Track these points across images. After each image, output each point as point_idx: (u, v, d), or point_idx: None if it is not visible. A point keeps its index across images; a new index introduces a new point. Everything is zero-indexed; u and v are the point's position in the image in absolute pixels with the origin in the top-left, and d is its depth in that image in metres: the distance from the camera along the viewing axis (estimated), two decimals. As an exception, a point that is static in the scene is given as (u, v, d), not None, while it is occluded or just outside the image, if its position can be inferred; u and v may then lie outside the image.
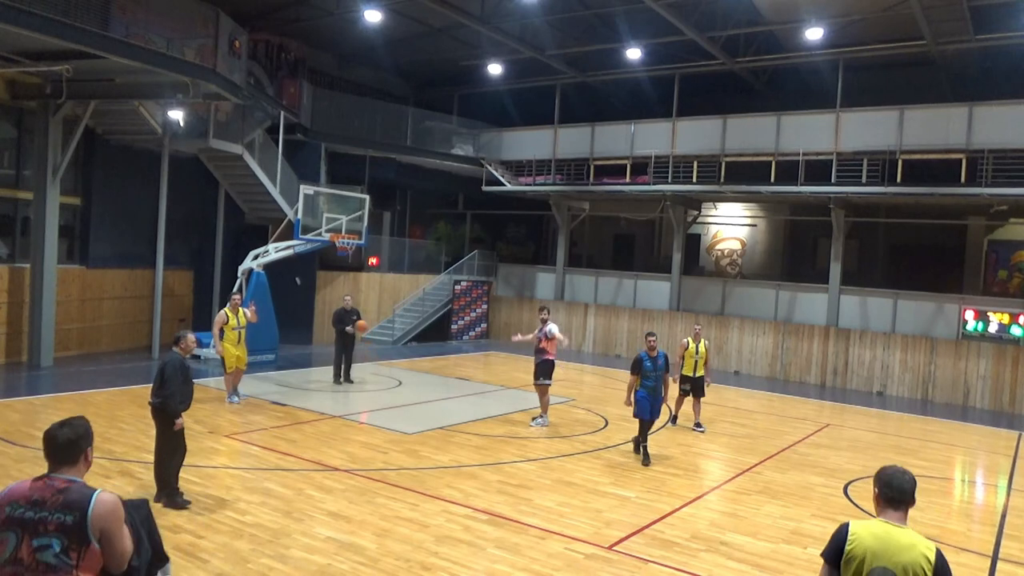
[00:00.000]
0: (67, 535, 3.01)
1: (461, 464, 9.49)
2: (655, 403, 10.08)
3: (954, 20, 16.24)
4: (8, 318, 15.16)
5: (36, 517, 3.02)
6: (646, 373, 10.01)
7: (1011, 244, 20.22)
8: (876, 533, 3.31)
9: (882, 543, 3.27)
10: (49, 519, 3.01)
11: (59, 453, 3.18)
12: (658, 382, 10.07)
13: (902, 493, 3.39)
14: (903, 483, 3.40)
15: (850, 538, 3.33)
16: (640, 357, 10.13)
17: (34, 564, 2.99)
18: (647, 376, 10.02)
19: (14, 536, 3.02)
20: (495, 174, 23.97)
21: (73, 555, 3.02)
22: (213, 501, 7.51)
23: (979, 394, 17.27)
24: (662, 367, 10.15)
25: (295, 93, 20.44)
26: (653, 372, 10.01)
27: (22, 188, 15.72)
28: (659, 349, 10.29)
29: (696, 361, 12.39)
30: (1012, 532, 8.30)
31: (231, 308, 12.37)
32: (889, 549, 3.25)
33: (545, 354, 11.82)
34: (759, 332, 20.22)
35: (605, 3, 18.45)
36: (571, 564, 6.50)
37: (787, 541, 7.44)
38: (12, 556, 3.01)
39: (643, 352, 10.18)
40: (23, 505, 3.05)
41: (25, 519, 3.01)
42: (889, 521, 3.36)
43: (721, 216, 25.31)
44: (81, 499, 3.07)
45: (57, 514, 3.02)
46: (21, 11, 10.81)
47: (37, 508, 3.03)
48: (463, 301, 24.13)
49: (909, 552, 3.24)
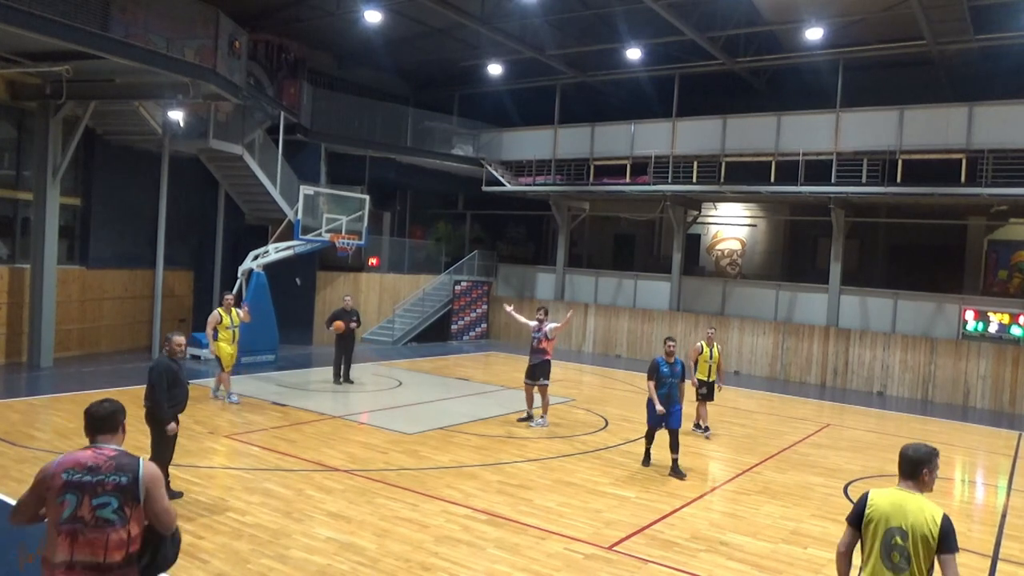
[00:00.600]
0: (123, 494, 3.47)
1: (461, 464, 9.49)
2: (669, 411, 9.65)
3: (954, 20, 16.24)
4: (8, 318, 15.16)
5: (94, 480, 3.46)
6: (662, 379, 9.67)
7: (1011, 244, 20.22)
8: (891, 500, 3.90)
9: (896, 507, 3.86)
10: (107, 481, 3.47)
11: (101, 424, 3.65)
12: (672, 389, 9.68)
13: (909, 464, 3.97)
14: (907, 455, 3.99)
15: (869, 504, 3.96)
16: (657, 362, 9.77)
17: (94, 520, 3.42)
18: (662, 382, 9.67)
19: (74, 498, 3.43)
20: (495, 174, 23.97)
21: (127, 511, 3.48)
22: (213, 501, 7.52)
23: (979, 394, 17.26)
24: (679, 374, 9.78)
25: (295, 93, 20.43)
26: (669, 378, 9.66)
27: (22, 188, 15.72)
28: (677, 355, 9.87)
29: (710, 366, 12.24)
30: (1012, 532, 8.30)
31: (224, 308, 12.41)
32: (901, 513, 3.84)
33: (544, 354, 11.90)
34: (759, 332, 20.22)
35: (605, 3, 18.44)
36: (571, 564, 6.50)
37: (787, 541, 7.44)
38: (72, 514, 3.42)
39: (660, 357, 9.83)
40: (80, 471, 3.47)
41: (84, 483, 3.45)
42: (903, 489, 3.95)
43: (721, 216, 25.31)
44: (131, 463, 3.55)
45: (113, 476, 3.48)
46: (21, 12, 10.81)
47: (94, 473, 3.47)
48: (463, 301, 24.13)
49: (917, 515, 3.80)
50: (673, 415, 9.61)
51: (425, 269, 24.37)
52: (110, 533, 3.43)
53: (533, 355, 12.00)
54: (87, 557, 3.40)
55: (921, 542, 3.76)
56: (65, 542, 3.40)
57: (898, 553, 3.81)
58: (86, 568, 3.40)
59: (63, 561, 3.40)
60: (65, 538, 3.41)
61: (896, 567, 3.80)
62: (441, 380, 16.20)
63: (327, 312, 16.96)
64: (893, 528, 3.83)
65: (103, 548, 3.41)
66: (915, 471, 3.95)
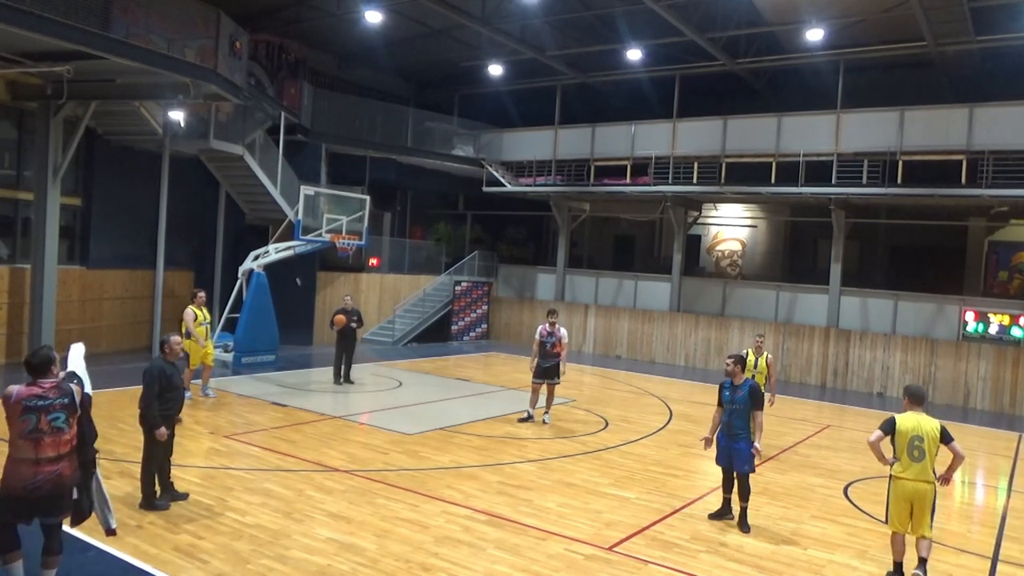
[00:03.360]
0: (66, 409, 5.16)
1: (461, 465, 9.49)
2: (732, 448, 7.82)
3: (955, 21, 16.24)
4: (8, 319, 15.16)
5: (45, 404, 5.08)
6: (722, 404, 8.00)
7: (1012, 245, 20.21)
8: (911, 420, 6.62)
9: (915, 423, 6.59)
10: (55, 402, 5.12)
11: (40, 368, 5.22)
12: (734, 418, 7.82)
13: (920, 394, 6.78)
14: (917, 392, 6.80)
15: (897, 425, 6.62)
16: (721, 384, 8.13)
17: (50, 429, 5.08)
18: (723, 410, 7.99)
19: (34, 417, 5.04)
20: (495, 175, 23.98)
21: (71, 419, 5.19)
22: (213, 502, 7.52)
23: (979, 395, 17.26)
24: (744, 399, 7.79)
25: (296, 94, 20.44)
26: (730, 404, 7.87)
27: (23, 189, 15.72)
28: (746, 377, 8.11)
29: (755, 375, 11.13)
30: (1012, 534, 8.30)
31: (196, 305, 12.35)
32: (918, 426, 6.57)
33: (557, 357, 12.20)
34: (759, 333, 20.17)
35: (606, 4, 18.45)
36: (571, 565, 6.50)
37: (787, 542, 7.44)
38: (35, 427, 5.04)
39: (727, 381, 8.10)
40: (34, 399, 5.07)
41: (39, 406, 5.07)
42: (916, 412, 6.67)
43: (721, 217, 25.32)
44: (66, 387, 5.23)
45: (59, 399, 5.14)
46: (22, 12, 10.80)
47: (43, 399, 5.09)
48: (463, 302, 24.13)
49: (928, 425, 6.58)
50: (735, 454, 7.77)
51: (425, 269, 24.37)
52: (62, 435, 5.13)
53: (546, 358, 12.17)
54: (49, 453, 5.07)
55: (931, 441, 6.50)
56: (29, 445, 5.03)
57: (917, 450, 6.51)
58: (48, 461, 5.06)
59: (29, 458, 5.03)
60: (29, 443, 5.03)
61: (917, 458, 6.50)
62: (441, 381, 16.20)
63: (327, 312, 16.99)
64: (913, 436, 6.53)
65: (58, 446, 5.11)
66: (922, 400, 6.75)
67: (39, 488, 5.02)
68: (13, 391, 5.07)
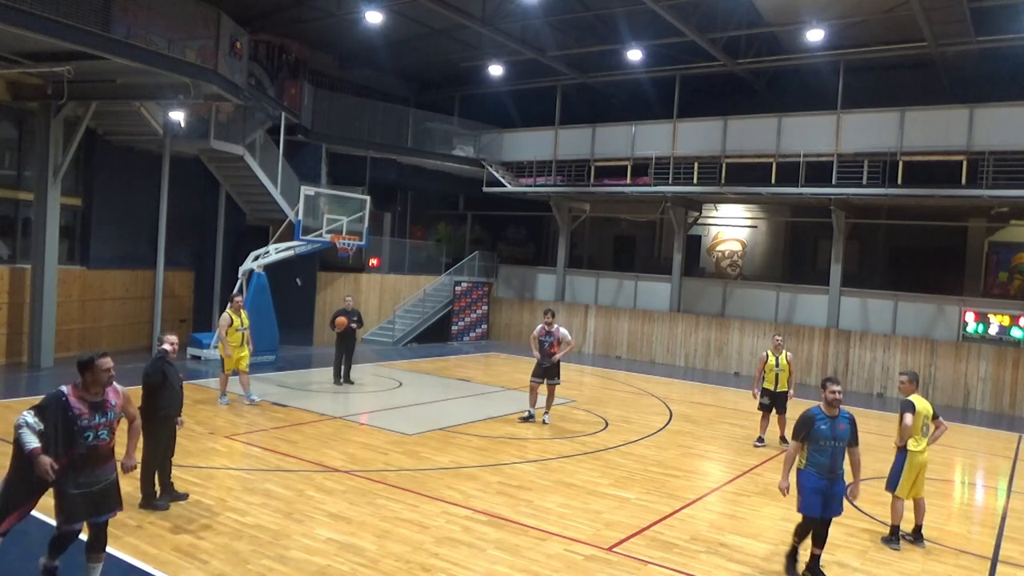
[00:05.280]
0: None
1: (461, 465, 9.49)
2: (831, 492, 6.44)
3: (955, 22, 16.24)
4: (9, 319, 15.17)
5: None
6: (819, 441, 6.43)
7: (1012, 246, 20.22)
8: (920, 399, 7.60)
9: (924, 404, 7.60)
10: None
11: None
12: (837, 456, 6.45)
13: (917, 380, 7.81)
14: (917, 375, 7.88)
15: (916, 407, 7.47)
16: (812, 414, 6.54)
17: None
18: (820, 447, 6.43)
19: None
20: (496, 175, 23.98)
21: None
22: (213, 502, 7.52)
23: (979, 396, 17.26)
24: (847, 433, 6.51)
25: (296, 94, 20.44)
26: (831, 441, 6.42)
27: (23, 189, 15.73)
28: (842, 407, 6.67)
29: (777, 374, 11.56)
30: (1012, 534, 8.30)
31: (233, 309, 12.29)
32: (926, 407, 7.61)
33: (555, 356, 12.18)
34: (759, 334, 20.22)
35: (606, 4, 18.45)
36: (571, 565, 6.50)
37: (787, 543, 7.42)
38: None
39: (816, 408, 6.61)
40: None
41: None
42: (919, 394, 7.73)
43: (722, 217, 25.33)
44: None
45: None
46: (22, 12, 10.82)
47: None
48: (464, 302, 24.13)
49: (925, 403, 7.64)
50: (834, 500, 6.48)
51: (425, 270, 24.38)
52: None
53: (546, 357, 12.15)
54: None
55: (929, 417, 7.60)
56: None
57: (924, 426, 7.54)
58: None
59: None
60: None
61: (924, 433, 7.55)
62: (441, 381, 16.20)
63: (327, 313, 16.99)
64: (924, 415, 7.52)
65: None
66: (918, 383, 7.82)
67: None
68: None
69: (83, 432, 5.14)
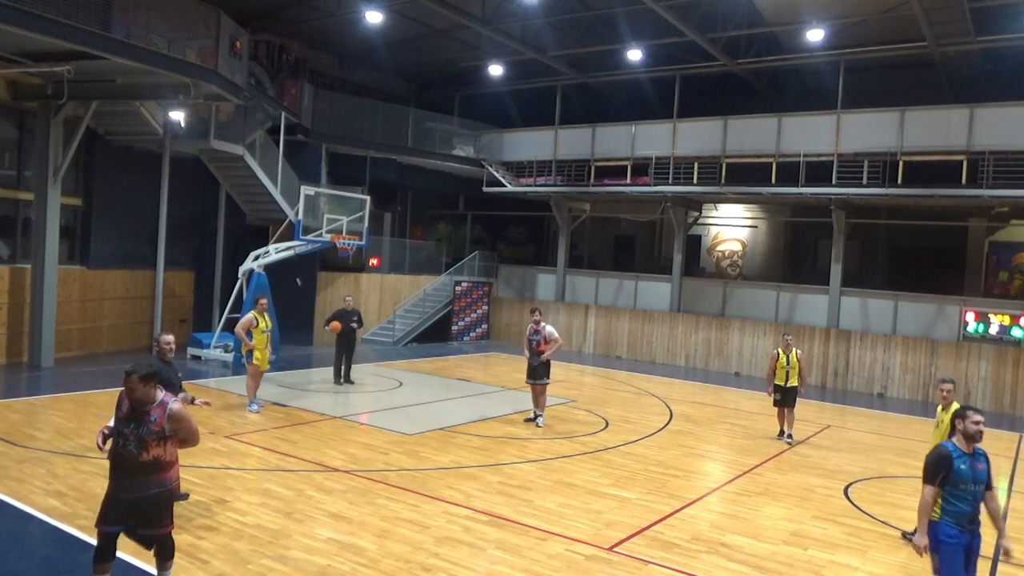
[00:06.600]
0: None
1: (461, 465, 9.49)
2: (972, 547, 5.40)
3: (955, 21, 16.24)
4: (9, 319, 15.16)
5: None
6: (959, 485, 5.24)
7: (1012, 246, 20.22)
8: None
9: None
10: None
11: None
12: (978, 503, 5.34)
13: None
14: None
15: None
16: (948, 452, 5.28)
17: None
18: (960, 493, 5.25)
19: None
20: (496, 175, 23.98)
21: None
22: (213, 502, 7.52)
23: (980, 396, 17.24)
24: (983, 476, 5.33)
25: (296, 94, 20.44)
26: (971, 485, 5.25)
27: (23, 189, 15.72)
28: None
29: (788, 371, 11.91)
30: (1012, 535, 8.27)
31: (258, 311, 12.07)
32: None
33: (543, 355, 12.00)
34: (759, 333, 20.22)
35: (606, 4, 18.45)
36: (571, 565, 6.50)
37: (787, 543, 7.43)
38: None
39: (950, 443, 5.34)
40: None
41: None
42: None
43: (722, 217, 25.32)
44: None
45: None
46: (23, 12, 10.82)
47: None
48: (464, 302, 24.13)
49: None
50: (975, 553, 5.50)
51: (426, 270, 24.38)
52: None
53: (534, 356, 12.05)
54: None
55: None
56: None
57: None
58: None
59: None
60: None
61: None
62: (441, 381, 16.19)
63: (328, 313, 16.96)
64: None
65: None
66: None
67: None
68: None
69: (119, 432, 5.13)
